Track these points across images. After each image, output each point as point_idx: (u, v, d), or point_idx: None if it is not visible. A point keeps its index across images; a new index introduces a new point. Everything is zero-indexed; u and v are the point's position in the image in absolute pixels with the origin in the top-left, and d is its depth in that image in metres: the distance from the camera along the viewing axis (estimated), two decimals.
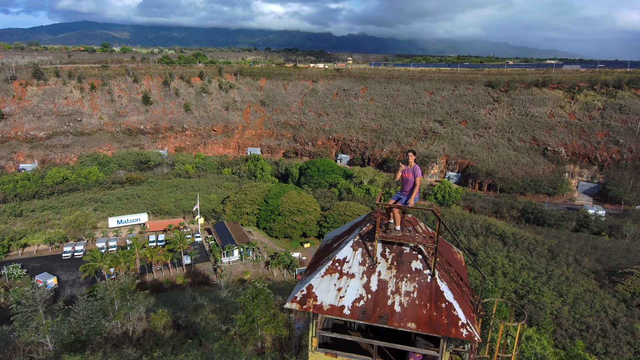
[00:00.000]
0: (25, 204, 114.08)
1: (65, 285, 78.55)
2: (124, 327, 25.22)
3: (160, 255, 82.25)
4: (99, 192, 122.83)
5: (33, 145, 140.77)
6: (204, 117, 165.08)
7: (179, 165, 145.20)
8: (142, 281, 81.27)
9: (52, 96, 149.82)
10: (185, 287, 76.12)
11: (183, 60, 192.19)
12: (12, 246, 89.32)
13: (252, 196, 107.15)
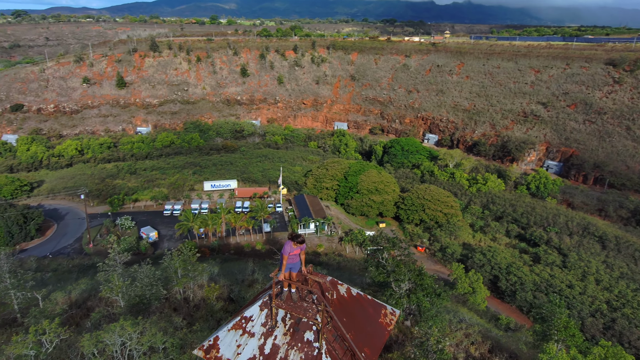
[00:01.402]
0: (139, 163, 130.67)
1: (164, 239, 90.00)
2: (185, 293, 29.25)
3: (243, 222, 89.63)
4: (199, 157, 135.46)
5: (148, 111, 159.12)
6: (295, 90, 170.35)
7: (269, 136, 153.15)
8: (226, 243, 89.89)
9: (164, 67, 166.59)
10: (263, 253, 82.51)
11: (280, 33, 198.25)
12: (125, 200, 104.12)
13: (332, 172, 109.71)
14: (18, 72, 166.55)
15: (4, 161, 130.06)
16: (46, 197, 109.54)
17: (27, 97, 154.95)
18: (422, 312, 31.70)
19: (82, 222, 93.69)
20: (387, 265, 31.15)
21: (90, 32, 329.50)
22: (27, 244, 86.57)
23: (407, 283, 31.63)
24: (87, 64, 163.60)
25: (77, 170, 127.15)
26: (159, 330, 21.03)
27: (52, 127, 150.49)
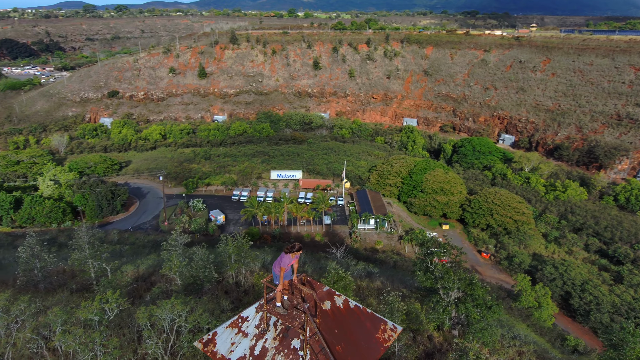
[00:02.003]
0: (213, 150, 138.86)
1: (231, 223, 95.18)
2: (237, 278, 30.97)
3: (304, 212, 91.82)
4: (268, 147, 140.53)
5: (225, 101, 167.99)
6: (366, 84, 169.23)
7: (336, 129, 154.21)
8: (287, 231, 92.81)
9: (242, 59, 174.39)
10: (322, 244, 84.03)
11: (354, 26, 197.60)
12: (199, 184, 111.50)
13: (397, 168, 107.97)
14: (116, 62, 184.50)
15: (100, 142, 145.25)
16: (132, 177, 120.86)
17: (122, 84, 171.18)
18: (471, 323, 30.52)
19: (160, 201, 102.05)
20: (436, 271, 30.34)
21: (179, 25, 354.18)
22: (113, 218, 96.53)
23: (456, 291, 30.60)
24: (174, 55, 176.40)
25: (159, 153, 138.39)
26: (206, 311, 22.67)
27: (141, 112, 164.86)
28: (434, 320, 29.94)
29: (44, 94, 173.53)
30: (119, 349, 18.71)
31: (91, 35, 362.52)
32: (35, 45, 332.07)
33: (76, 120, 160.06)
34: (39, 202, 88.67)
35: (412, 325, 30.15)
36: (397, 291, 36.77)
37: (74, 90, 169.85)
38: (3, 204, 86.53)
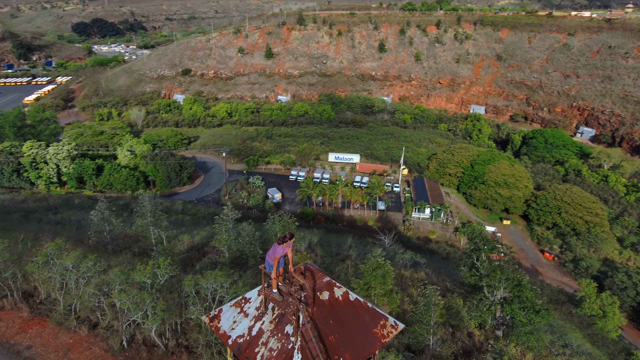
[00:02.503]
0: (275, 129, 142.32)
1: (286, 201, 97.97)
2: None
3: (358, 197, 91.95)
4: (328, 129, 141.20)
5: (289, 82, 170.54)
6: (432, 69, 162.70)
7: (398, 114, 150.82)
8: (340, 214, 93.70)
9: (307, 40, 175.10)
10: (373, 229, 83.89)
11: (425, 7, 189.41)
12: (259, 161, 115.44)
13: (459, 157, 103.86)
14: (190, 41, 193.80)
15: (172, 117, 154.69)
16: (199, 151, 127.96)
17: (194, 63, 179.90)
18: (516, 325, 29.32)
19: (222, 176, 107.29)
20: (481, 268, 29.30)
21: (251, 6, 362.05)
22: (179, 189, 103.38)
23: (502, 291, 29.44)
24: (243, 36, 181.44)
25: (225, 130, 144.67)
26: (246, 285, 24.02)
27: (210, 90, 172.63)
28: (475, 317, 29.14)
29: (126, 70, 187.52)
30: (166, 312, 20.54)
31: (170, 15, 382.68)
32: (121, 25, 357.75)
33: (153, 95, 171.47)
34: (117, 170, 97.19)
35: (452, 321, 29.61)
36: (442, 284, 36.12)
37: (152, 68, 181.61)
38: (87, 170, 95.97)
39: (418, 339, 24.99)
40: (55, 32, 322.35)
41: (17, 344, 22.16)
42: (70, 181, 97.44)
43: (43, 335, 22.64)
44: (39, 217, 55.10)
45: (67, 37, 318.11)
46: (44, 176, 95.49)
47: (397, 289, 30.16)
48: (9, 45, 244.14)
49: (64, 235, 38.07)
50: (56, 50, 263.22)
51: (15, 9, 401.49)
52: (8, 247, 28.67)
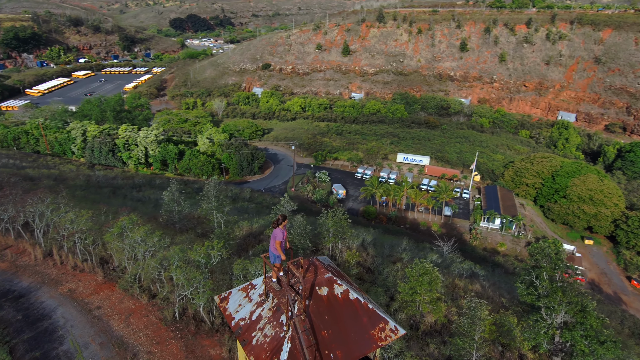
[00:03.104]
0: (346, 126, 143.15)
1: (350, 198, 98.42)
2: (332, 251, 32.65)
3: (423, 200, 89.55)
4: (399, 128, 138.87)
5: (364, 79, 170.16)
6: (517, 70, 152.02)
7: (475, 117, 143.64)
8: (404, 216, 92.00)
9: (385, 38, 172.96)
10: (435, 234, 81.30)
11: (516, 4, 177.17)
12: (327, 157, 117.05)
13: (538, 167, 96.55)
14: (271, 37, 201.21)
15: (250, 109, 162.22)
16: (271, 143, 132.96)
17: (274, 58, 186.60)
18: (576, 354, 26.93)
19: (290, 168, 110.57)
20: (540, 288, 27.23)
21: (333, 2, 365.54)
22: (250, 178, 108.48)
23: (563, 315, 27.16)
24: (322, 32, 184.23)
25: (297, 124, 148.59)
26: None
27: (287, 85, 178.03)
28: (529, 339, 27.22)
29: (212, 63, 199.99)
30: (214, 291, 22.09)
31: (256, 11, 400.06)
32: (212, 20, 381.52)
33: (234, 88, 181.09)
34: (196, 156, 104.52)
35: (503, 339, 28.01)
36: (497, 300, 34.21)
37: (235, 61, 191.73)
38: (170, 153, 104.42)
39: (460, 352, 24.07)
40: (155, 27, 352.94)
41: (90, 303, 25.27)
42: (155, 163, 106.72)
43: (111, 299, 25.55)
44: (124, 193, 61.38)
45: (165, 32, 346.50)
46: (133, 157, 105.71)
47: (445, 298, 29.20)
48: (116, 38, 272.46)
49: (140, 211, 42.17)
50: (154, 43, 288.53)
51: (124, 5, 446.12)
52: (92, 217, 32.59)
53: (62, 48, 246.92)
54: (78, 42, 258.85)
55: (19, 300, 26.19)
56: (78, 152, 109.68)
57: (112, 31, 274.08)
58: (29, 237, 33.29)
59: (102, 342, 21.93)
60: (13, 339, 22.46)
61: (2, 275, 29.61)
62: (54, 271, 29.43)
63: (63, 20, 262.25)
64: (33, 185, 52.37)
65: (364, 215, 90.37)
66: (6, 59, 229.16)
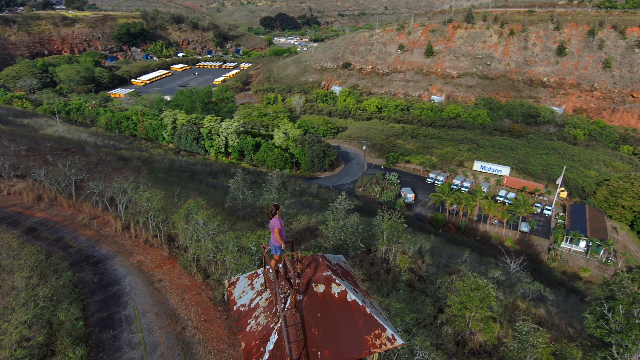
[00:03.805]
0: (422, 129, 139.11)
1: (418, 204, 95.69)
2: (386, 254, 32.04)
3: (498, 212, 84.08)
4: (479, 135, 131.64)
5: (445, 82, 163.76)
6: (625, 78, 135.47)
7: (568, 128, 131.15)
8: (474, 227, 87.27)
9: (473, 39, 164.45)
10: (508, 252, 75.96)
11: (630, 4, 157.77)
12: (399, 159, 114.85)
13: (639, 188, 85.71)
14: (354, 37, 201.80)
15: (327, 107, 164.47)
16: (344, 141, 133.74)
17: (355, 57, 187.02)
18: None
19: (360, 168, 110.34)
20: (612, 322, 24.25)
21: (420, 2, 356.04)
22: (320, 174, 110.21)
23: (638, 357, 24.01)
24: (406, 32, 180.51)
25: (372, 124, 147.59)
26: None
27: (365, 85, 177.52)
28: None
29: (295, 60, 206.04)
30: None
31: (342, 11, 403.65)
32: (299, 19, 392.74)
33: (313, 85, 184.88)
34: (270, 149, 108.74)
35: None
36: (563, 329, 31.18)
37: (316, 60, 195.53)
38: (247, 145, 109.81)
39: None
40: (246, 25, 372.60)
41: (153, 276, 27.74)
42: (233, 153, 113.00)
43: (171, 274, 27.78)
44: (201, 178, 65.97)
45: (255, 29, 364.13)
46: (215, 146, 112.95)
47: (501, 319, 27.29)
48: (211, 35, 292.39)
49: (210, 196, 45.10)
50: (244, 40, 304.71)
51: (221, 4, 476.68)
52: (165, 197, 35.63)
53: (164, 43, 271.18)
54: (178, 37, 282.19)
55: (97, 265, 29.56)
56: (168, 138, 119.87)
57: (208, 28, 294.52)
58: (113, 211, 37.34)
59: (157, 312, 23.98)
60: (87, 298, 25.46)
61: (88, 242, 33.60)
62: (128, 243, 32.74)
63: (167, 18, 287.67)
64: (124, 164, 58.50)
65: (431, 222, 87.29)
66: (118, 52, 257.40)
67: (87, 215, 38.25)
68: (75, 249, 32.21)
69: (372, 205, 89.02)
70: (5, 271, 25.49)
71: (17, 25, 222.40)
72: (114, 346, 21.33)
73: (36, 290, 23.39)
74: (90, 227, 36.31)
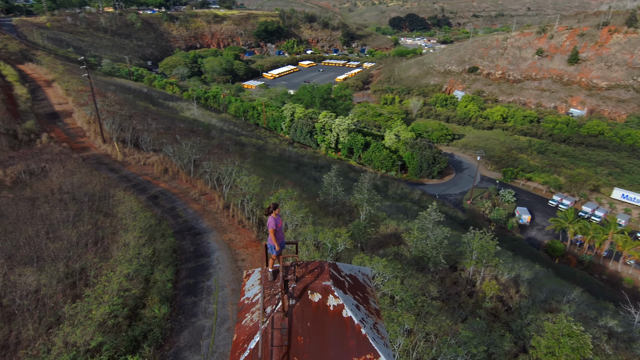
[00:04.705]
0: (552, 145, 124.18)
1: (534, 227, 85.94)
2: (472, 276, 29.26)
3: (635, 251, 70.98)
4: (625, 158, 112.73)
5: (590, 93, 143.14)
6: None
7: None
8: (601, 264, 75.15)
9: (633, 46, 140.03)
10: None
11: None
12: (518, 175, 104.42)
13: None
14: (485, 39, 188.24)
15: (445, 112, 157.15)
16: (459, 149, 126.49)
17: (483, 61, 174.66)
18: None
19: (472, 179, 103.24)
20: None
21: (572, 2, 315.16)
22: (427, 180, 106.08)
23: None
24: (547, 36, 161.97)
25: (493, 134, 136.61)
26: (411, 287, 23.89)
27: (492, 91, 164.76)
28: None
29: (418, 62, 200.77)
30: None
31: (478, 12, 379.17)
32: (429, 20, 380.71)
33: (434, 89, 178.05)
34: (379, 149, 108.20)
35: None
36: None
37: (441, 62, 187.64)
38: (357, 143, 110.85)
39: None
40: (375, 25, 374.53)
41: (238, 254, 29.86)
42: (343, 149, 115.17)
43: (254, 255, 29.56)
44: (305, 170, 68.72)
45: (383, 30, 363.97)
46: (326, 141, 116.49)
47: None
48: (340, 34, 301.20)
49: (306, 188, 46.72)
50: (371, 40, 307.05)
51: (353, 4, 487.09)
52: (263, 184, 37.97)
53: (296, 40, 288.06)
54: (309, 35, 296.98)
55: (196, 237, 32.94)
56: (285, 129, 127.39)
57: (337, 27, 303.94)
58: (219, 190, 41.14)
59: (234, 289, 25.78)
60: (181, 264, 28.58)
61: (194, 215, 37.62)
62: (225, 221, 35.78)
63: (301, 17, 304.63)
64: (239, 149, 63.96)
65: (547, 250, 77.59)
66: (255, 47, 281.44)
67: (198, 191, 42.82)
68: (183, 219, 36.35)
69: (478, 220, 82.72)
70: (123, 229, 30.01)
71: (179, 22, 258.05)
72: (192, 311, 23.58)
73: (142, 250, 27.05)
74: (198, 201, 40.58)
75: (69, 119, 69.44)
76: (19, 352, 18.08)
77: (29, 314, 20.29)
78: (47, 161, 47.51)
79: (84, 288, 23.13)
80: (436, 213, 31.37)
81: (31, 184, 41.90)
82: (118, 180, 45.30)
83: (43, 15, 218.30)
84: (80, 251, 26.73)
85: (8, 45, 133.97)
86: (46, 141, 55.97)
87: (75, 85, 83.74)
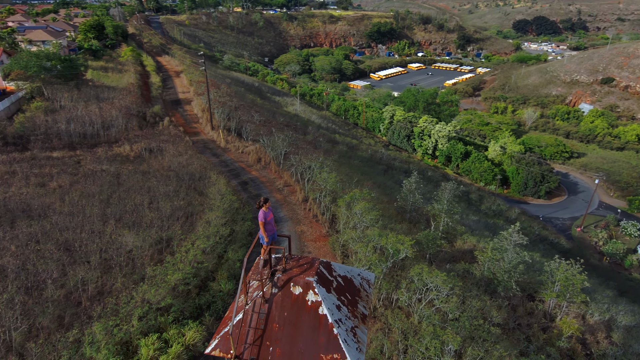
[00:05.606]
0: None
1: None
2: (553, 309, 26.07)
3: None
4: None
5: None
6: None
7: None
8: None
9: None
10: None
11: None
12: None
13: None
14: (628, 47, 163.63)
15: (566, 126, 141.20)
16: (576, 169, 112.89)
17: (622, 72, 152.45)
18: None
19: (586, 205, 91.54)
20: None
21: None
22: (531, 200, 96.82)
23: None
24: None
25: (623, 155, 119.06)
26: (470, 308, 22.59)
27: (629, 107, 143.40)
28: None
29: (540, 70, 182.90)
30: (382, 280, 22.98)
31: (625, 15, 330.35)
32: (561, 24, 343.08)
33: (555, 100, 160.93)
34: (480, 160, 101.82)
35: None
36: None
37: (567, 71, 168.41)
38: (456, 152, 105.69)
39: None
40: (496, 28, 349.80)
41: (306, 246, 31.01)
42: (440, 157, 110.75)
43: (320, 250, 30.47)
44: (393, 174, 67.84)
45: (505, 33, 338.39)
46: (423, 146, 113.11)
47: None
48: (454, 37, 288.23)
49: (387, 191, 46.28)
50: (489, 44, 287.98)
51: (474, 5, 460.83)
52: (341, 182, 38.72)
53: (407, 42, 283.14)
54: (422, 37, 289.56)
55: None
56: (383, 131, 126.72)
57: (452, 30, 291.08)
58: (301, 183, 43.01)
59: None
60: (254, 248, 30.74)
61: (275, 204, 39.94)
62: (301, 213, 37.36)
63: (415, 19, 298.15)
64: (331, 146, 65.68)
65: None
66: (366, 48, 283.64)
67: (283, 182, 45.27)
68: None
69: (587, 251, 73.19)
70: (209, 208, 33.27)
71: (297, 22, 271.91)
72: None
73: (220, 229, 29.76)
74: (281, 192, 42.93)
75: (188, 106, 78.28)
76: (106, 299, 21.50)
77: (119, 270, 23.93)
78: (164, 141, 54.43)
79: (167, 255, 26.37)
80: (518, 235, 28.92)
81: (148, 160, 48.47)
82: (217, 164, 49.99)
83: (184, 14, 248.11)
84: (171, 223, 30.42)
85: (152, 39, 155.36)
86: (167, 124, 64.02)
87: (198, 77, 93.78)
